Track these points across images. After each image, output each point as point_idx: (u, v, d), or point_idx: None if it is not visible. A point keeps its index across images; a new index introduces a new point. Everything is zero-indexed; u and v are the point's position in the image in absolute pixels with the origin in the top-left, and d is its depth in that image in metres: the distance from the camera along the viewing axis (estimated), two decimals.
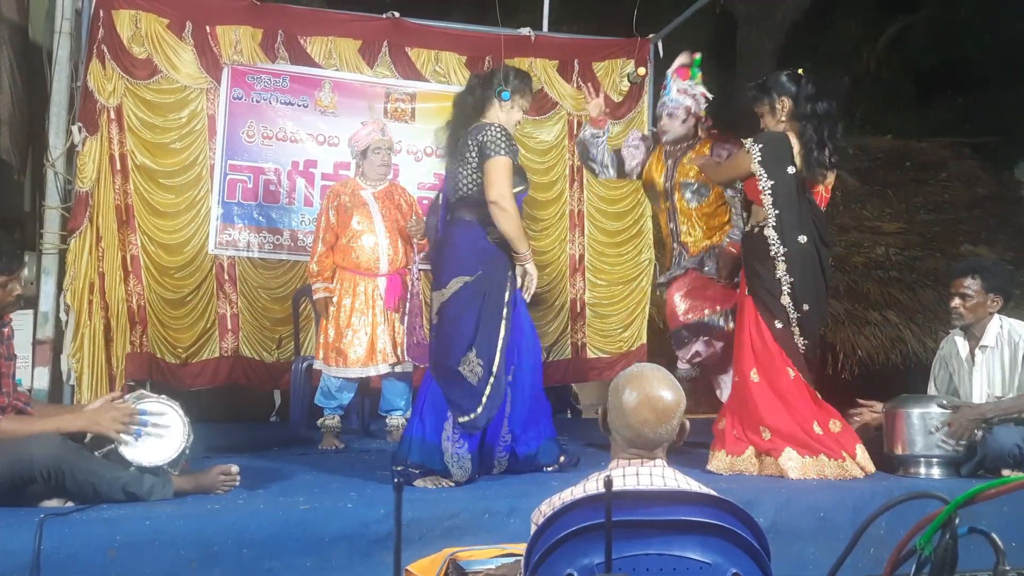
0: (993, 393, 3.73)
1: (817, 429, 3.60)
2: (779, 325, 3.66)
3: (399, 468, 3.36)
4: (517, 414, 3.55)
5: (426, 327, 4.00)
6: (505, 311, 3.40)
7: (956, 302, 3.82)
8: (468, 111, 3.55)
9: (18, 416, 2.96)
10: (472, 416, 3.35)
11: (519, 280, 3.47)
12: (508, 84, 3.54)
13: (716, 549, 1.62)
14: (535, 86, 5.71)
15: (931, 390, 4.00)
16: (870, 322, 6.52)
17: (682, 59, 4.34)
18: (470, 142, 3.43)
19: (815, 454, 3.56)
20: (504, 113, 3.55)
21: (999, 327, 3.77)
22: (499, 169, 3.35)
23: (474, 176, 3.43)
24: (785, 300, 3.65)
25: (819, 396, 3.70)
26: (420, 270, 4.39)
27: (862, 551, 2.10)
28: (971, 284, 3.77)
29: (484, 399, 3.34)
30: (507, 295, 3.42)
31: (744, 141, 3.78)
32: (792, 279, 3.65)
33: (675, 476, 1.79)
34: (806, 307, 3.66)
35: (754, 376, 3.68)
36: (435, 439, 3.38)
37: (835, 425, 3.66)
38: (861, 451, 3.63)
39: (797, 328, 3.68)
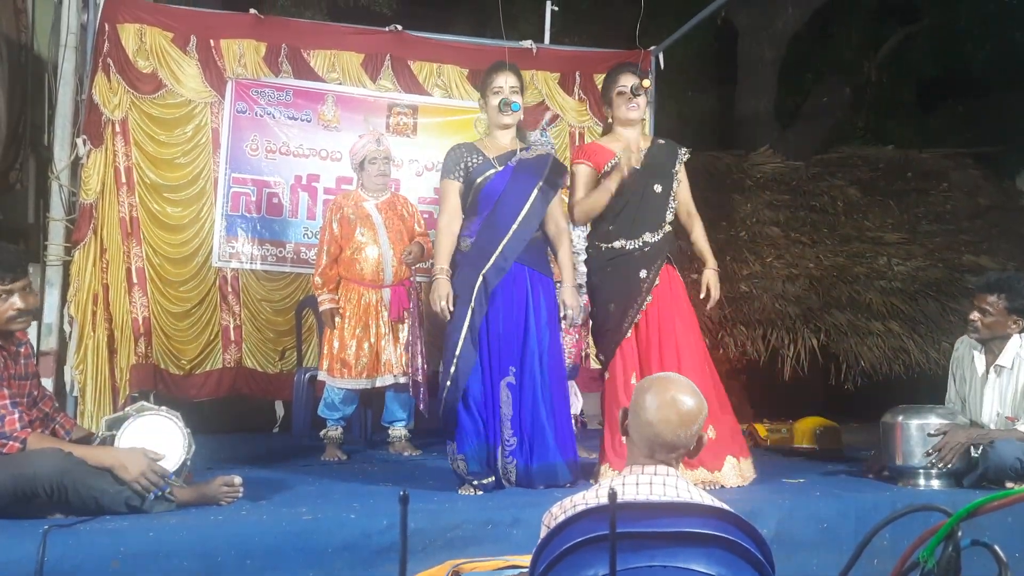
0: (1004, 414, 3.71)
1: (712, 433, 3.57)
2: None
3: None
4: (524, 420, 3.52)
5: None
6: (468, 315, 3.45)
7: (975, 315, 3.75)
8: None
9: (48, 437, 2.98)
10: (440, 420, 3.52)
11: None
12: (480, 95, 3.77)
13: (720, 561, 1.62)
14: (536, 99, 5.78)
15: (949, 391, 3.98)
16: (873, 332, 6.50)
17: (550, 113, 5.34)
18: None
19: (694, 468, 3.50)
20: (487, 118, 3.75)
21: (1018, 348, 3.70)
22: (442, 193, 3.68)
23: None
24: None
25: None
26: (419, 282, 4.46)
27: (866, 562, 2.09)
28: (994, 302, 3.68)
29: (442, 406, 3.47)
30: (471, 301, 3.47)
31: (684, 150, 3.87)
32: None
33: (688, 487, 1.78)
34: None
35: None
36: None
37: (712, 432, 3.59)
38: (732, 463, 3.61)
39: None
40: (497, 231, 3.53)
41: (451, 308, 3.48)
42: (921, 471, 3.64)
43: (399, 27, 5.60)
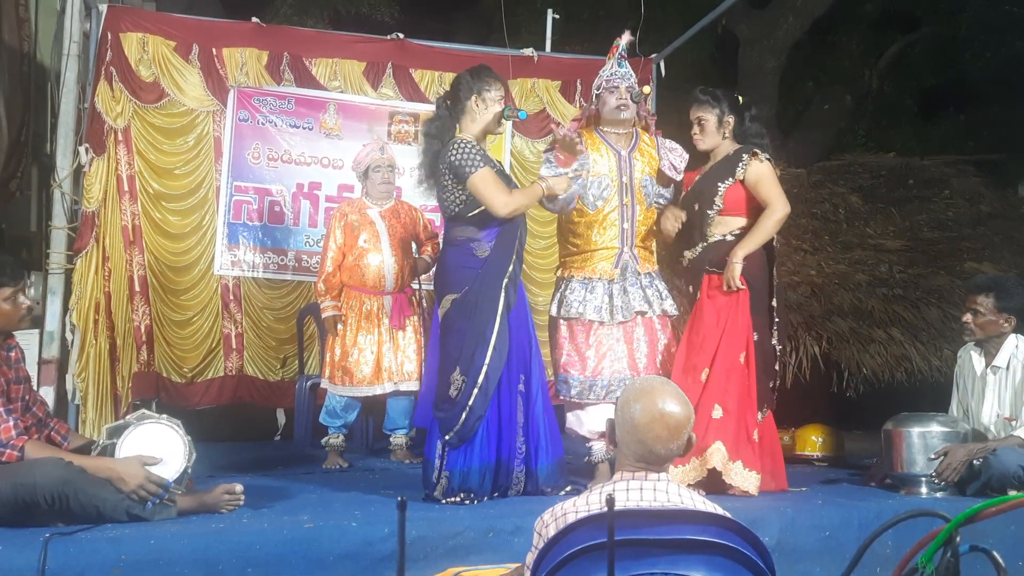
0: (1003, 415, 3.72)
1: (755, 436, 3.63)
2: (756, 336, 3.68)
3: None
4: (532, 426, 3.54)
5: None
6: (497, 325, 3.39)
7: (967, 317, 3.81)
8: (442, 133, 3.57)
9: (45, 445, 3.00)
10: (452, 432, 3.38)
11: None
12: (473, 91, 3.51)
13: (721, 568, 1.62)
14: (537, 107, 5.78)
15: (953, 400, 3.99)
16: (875, 340, 6.48)
17: (627, 37, 4.01)
18: (442, 165, 3.48)
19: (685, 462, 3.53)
20: (479, 121, 3.53)
21: (1014, 347, 3.73)
22: (485, 184, 3.39)
23: (456, 195, 3.47)
24: (774, 302, 3.73)
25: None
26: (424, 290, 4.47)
27: (868, 570, 2.08)
28: (984, 301, 3.73)
29: (464, 414, 3.36)
30: (499, 308, 3.41)
31: (757, 152, 3.74)
32: (778, 282, 3.76)
33: (679, 491, 1.78)
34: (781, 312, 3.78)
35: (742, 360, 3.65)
36: (429, 455, 3.48)
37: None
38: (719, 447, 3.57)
39: (776, 332, 3.75)
40: (509, 244, 3.49)
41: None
42: (924, 479, 3.65)
43: (401, 35, 5.62)
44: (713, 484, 3.50)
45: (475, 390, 3.36)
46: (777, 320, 3.77)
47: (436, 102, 3.74)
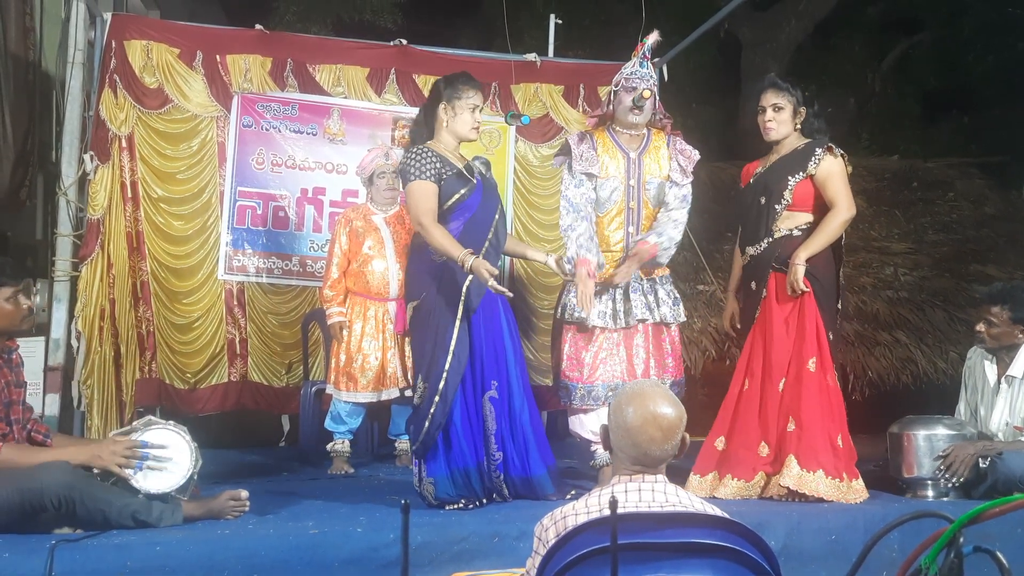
0: (1013, 423, 3.71)
1: (839, 442, 3.59)
2: (831, 335, 3.65)
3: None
4: (507, 433, 3.48)
5: None
6: (456, 329, 3.35)
7: (981, 327, 3.79)
8: (416, 140, 3.58)
9: (20, 446, 2.99)
10: (418, 442, 3.37)
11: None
12: (443, 99, 3.51)
13: (727, 572, 1.62)
14: (540, 111, 5.78)
15: (961, 401, 3.97)
16: (880, 343, 6.48)
17: (655, 37, 3.91)
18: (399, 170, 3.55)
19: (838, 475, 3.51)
20: (449, 128, 3.52)
21: None
22: (411, 194, 3.43)
23: None
24: (839, 304, 3.69)
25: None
26: None
27: (873, 573, 2.07)
28: (998, 312, 3.71)
29: (427, 423, 3.33)
30: (458, 312, 3.37)
31: (832, 147, 3.68)
32: (843, 282, 3.72)
33: (676, 492, 1.80)
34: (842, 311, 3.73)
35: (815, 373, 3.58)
36: (415, 465, 3.48)
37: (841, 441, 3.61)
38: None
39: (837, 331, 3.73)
40: (474, 246, 3.41)
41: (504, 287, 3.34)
42: (930, 482, 3.63)
43: (404, 41, 5.63)
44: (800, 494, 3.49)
45: (436, 398, 3.33)
46: (840, 321, 3.73)
47: (420, 108, 3.74)
